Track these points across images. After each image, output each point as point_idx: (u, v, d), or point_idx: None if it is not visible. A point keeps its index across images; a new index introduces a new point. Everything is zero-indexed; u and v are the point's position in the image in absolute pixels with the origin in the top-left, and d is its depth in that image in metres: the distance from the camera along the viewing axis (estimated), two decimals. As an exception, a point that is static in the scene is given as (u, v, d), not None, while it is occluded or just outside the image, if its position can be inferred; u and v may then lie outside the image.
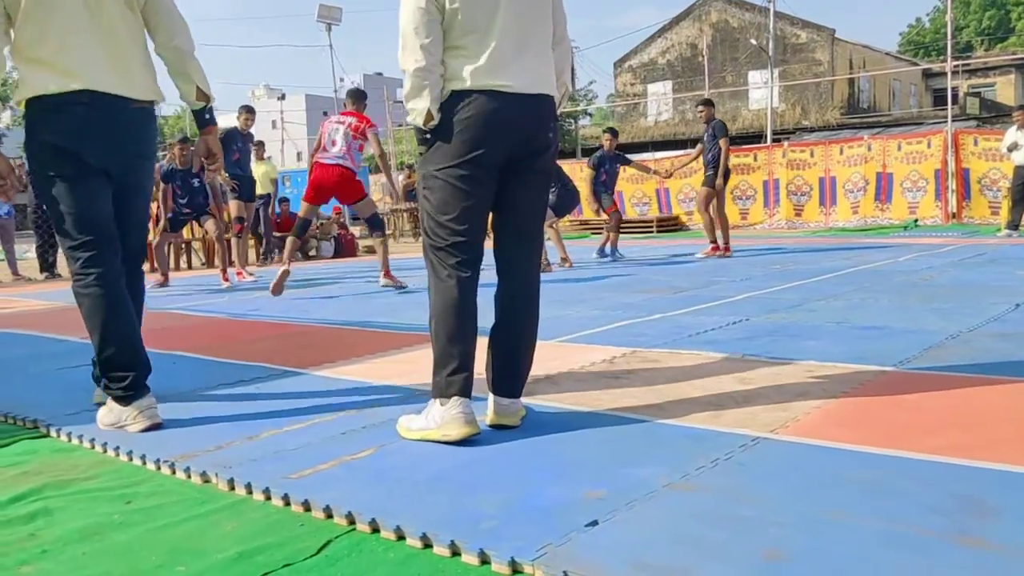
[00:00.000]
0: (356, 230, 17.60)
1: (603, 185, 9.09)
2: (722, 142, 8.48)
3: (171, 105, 45.46)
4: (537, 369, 3.13)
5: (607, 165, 9.11)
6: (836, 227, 14.07)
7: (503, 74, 2.30)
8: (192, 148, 8.65)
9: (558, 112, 2.57)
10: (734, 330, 3.97)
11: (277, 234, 12.69)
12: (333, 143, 6.65)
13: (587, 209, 10.32)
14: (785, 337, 3.70)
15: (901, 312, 4.27)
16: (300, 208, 7.05)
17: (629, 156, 10.21)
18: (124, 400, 2.59)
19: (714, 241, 8.66)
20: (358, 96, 6.99)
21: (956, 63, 30.28)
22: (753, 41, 27.04)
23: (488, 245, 2.40)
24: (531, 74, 2.35)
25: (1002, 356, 3.07)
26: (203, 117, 2.87)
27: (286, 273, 6.52)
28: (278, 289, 6.37)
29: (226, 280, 7.87)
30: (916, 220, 13.57)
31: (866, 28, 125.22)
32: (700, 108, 9.03)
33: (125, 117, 2.64)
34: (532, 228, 2.50)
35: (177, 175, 8.10)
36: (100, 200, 2.64)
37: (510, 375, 2.43)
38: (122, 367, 2.61)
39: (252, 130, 9.34)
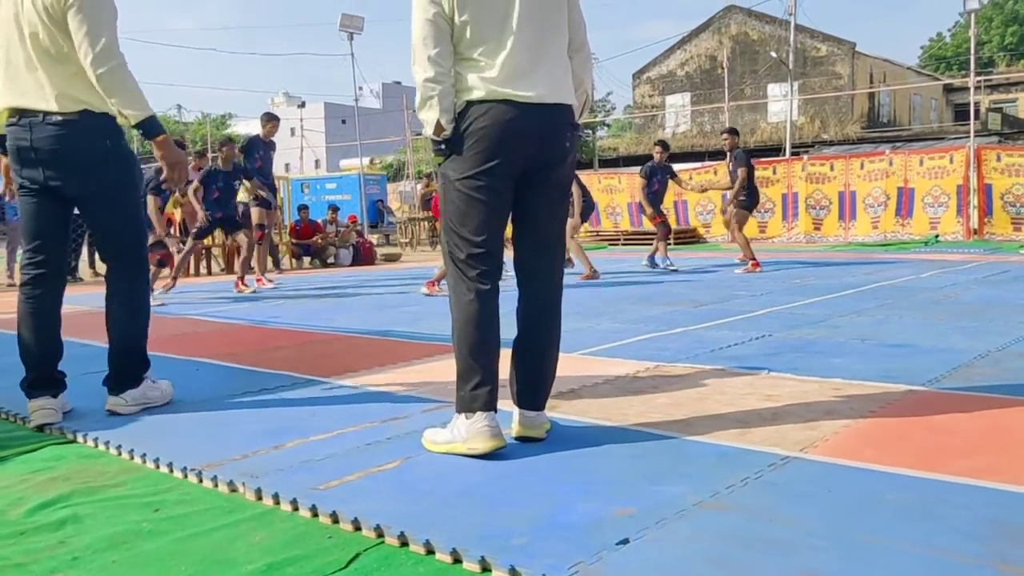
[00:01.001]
0: (374, 238, 17.68)
1: (654, 195, 9.31)
2: (741, 171, 8.68)
3: (190, 111, 45.87)
4: (560, 383, 3.12)
5: (659, 175, 9.32)
6: (855, 242, 13.98)
7: (518, 83, 2.29)
8: (237, 147, 8.74)
9: (579, 120, 2.56)
10: (757, 345, 3.94)
11: (296, 241, 12.77)
12: None
13: (638, 220, 10.54)
14: (810, 354, 3.67)
15: (927, 330, 4.23)
16: None
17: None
18: (27, 395, 2.83)
19: (753, 258, 8.74)
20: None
21: (978, 78, 30.10)
22: (773, 54, 26.94)
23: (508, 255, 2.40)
24: (547, 83, 2.33)
25: (1033, 377, 3.03)
26: (143, 130, 2.77)
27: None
28: None
29: (243, 288, 7.89)
30: (937, 236, 13.46)
31: (887, 42, 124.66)
32: (724, 136, 9.17)
33: (44, 132, 2.71)
34: (551, 239, 2.48)
35: (220, 176, 8.04)
36: (39, 215, 2.84)
37: (534, 388, 2.42)
38: (26, 366, 2.86)
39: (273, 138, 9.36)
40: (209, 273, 11.34)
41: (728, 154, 8.99)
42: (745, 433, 2.42)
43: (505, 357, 2.42)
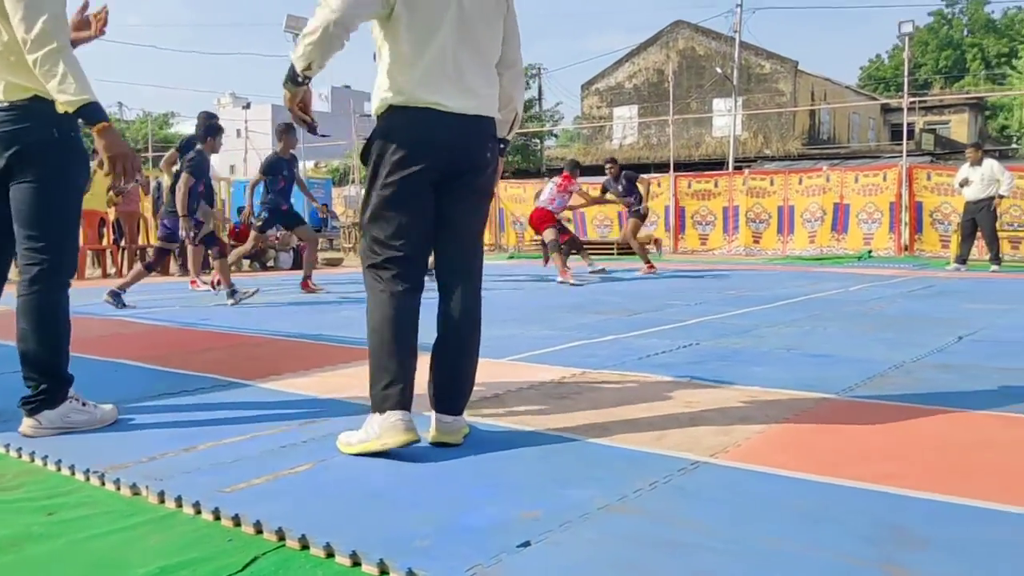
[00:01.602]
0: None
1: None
2: (640, 185, 10.19)
3: (132, 109, 44.79)
4: (485, 388, 3.13)
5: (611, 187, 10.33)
6: (793, 255, 14.31)
7: (442, 93, 2.32)
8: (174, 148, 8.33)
9: (510, 135, 2.61)
10: (684, 354, 3.99)
11: (235, 243, 12.53)
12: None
13: (583, 229, 11.13)
14: (734, 362, 3.74)
15: (849, 341, 4.34)
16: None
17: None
18: None
19: (648, 261, 10.09)
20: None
21: (912, 100, 31.10)
22: (718, 70, 27.48)
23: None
24: (471, 95, 2.37)
25: (941, 387, 3.13)
26: (83, 118, 2.59)
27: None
28: None
29: (313, 287, 7.71)
30: (870, 251, 13.86)
31: (828, 62, 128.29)
32: (609, 165, 10.38)
33: None
34: (468, 245, 2.49)
35: (283, 165, 7.58)
36: None
37: (452, 392, 2.41)
38: None
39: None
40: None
41: (614, 179, 10.18)
42: (660, 438, 2.45)
43: (425, 362, 2.41)
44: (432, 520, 1.80)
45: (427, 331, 2.45)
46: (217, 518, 1.86)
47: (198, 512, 1.90)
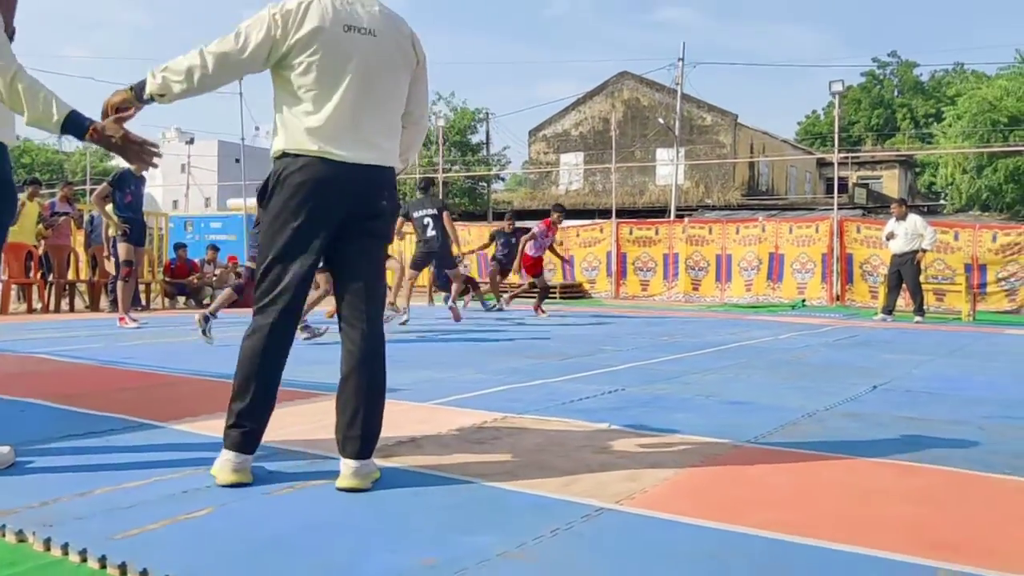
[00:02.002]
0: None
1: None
2: (524, 240, 10.90)
3: (72, 141, 43.89)
4: (401, 431, 3.11)
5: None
6: (730, 303, 14.60)
7: (338, 143, 2.39)
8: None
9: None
10: (608, 399, 4.03)
11: (170, 280, 12.32)
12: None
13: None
14: (656, 409, 3.79)
15: (768, 388, 4.44)
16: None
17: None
18: None
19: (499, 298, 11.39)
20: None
21: (845, 155, 32.31)
22: (661, 120, 28.20)
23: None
24: (370, 146, 2.44)
25: (848, 435, 3.22)
26: (73, 131, 2.43)
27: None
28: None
29: (398, 306, 7.87)
30: (804, 300, 14.22)
31: (767, 116, 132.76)
32: (509, 218, 12.12)
33: None
34: (369, 289, 2.50)
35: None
36: None
37: (356, 436, 2.40)
38: None
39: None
40: (72, 309, 10.76)
41: (506, 232, 11.80)
42: (569, 484, 2.47)
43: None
44: (327, 568, 1.78)
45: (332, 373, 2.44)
46: (103, 566, 1.80)
47: (84, 560, 1.84)
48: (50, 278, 10.58)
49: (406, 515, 2.17)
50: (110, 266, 9.48)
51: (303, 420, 3.42)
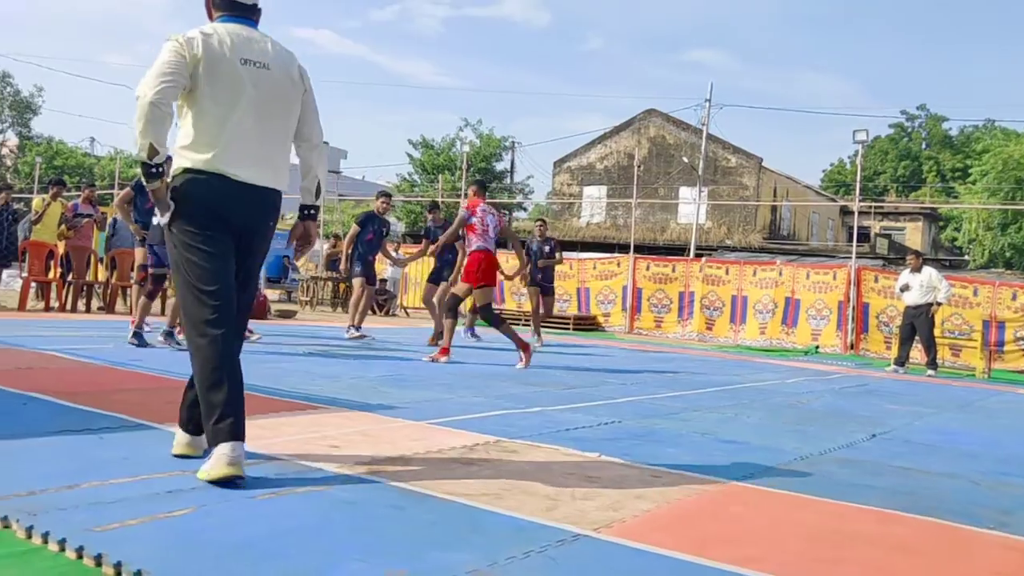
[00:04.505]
0: (276, 293, 17.37)
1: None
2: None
3: (104, 146, 44.77)
4: (394, 448, 3.15)
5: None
6: (744, 344, 14.52)
7: (235, 163, 2.64)
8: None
9: (318, 201, 2.95)
10: (603, 430, 4.04)
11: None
12: (493, 230, 7.24)
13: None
14: (649, 442, 3.79)
15: (765, 430, 4.43)
16: (463, 290, 7.31)
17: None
18: None
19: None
20: (485, 186, 7.80)
21: (869, 204, 32.19)
22: (685, 159, 28.29)
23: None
24: (261, 167, 2.71)
25: (837, 480, 3.20)
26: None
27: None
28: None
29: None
30: (817, 347, 14.12)
31: (791, 161, 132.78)
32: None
33: None
34: (243, 293, 2.80)
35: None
36: None
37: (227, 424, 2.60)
38: None
39: None
40: (88, 310, 10.90)
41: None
42: (551, 509, 2.48)
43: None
44: (294, 573, 1.80)
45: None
46: (80, 557, 1.84)
47: (62, 549, 1.88)
48: (69, 278, 10.74)
49: (383, 528, 2.19)
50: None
51: (297, 430, 3.46)
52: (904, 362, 10.75)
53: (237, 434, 2.50)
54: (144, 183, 2.66)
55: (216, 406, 2.51)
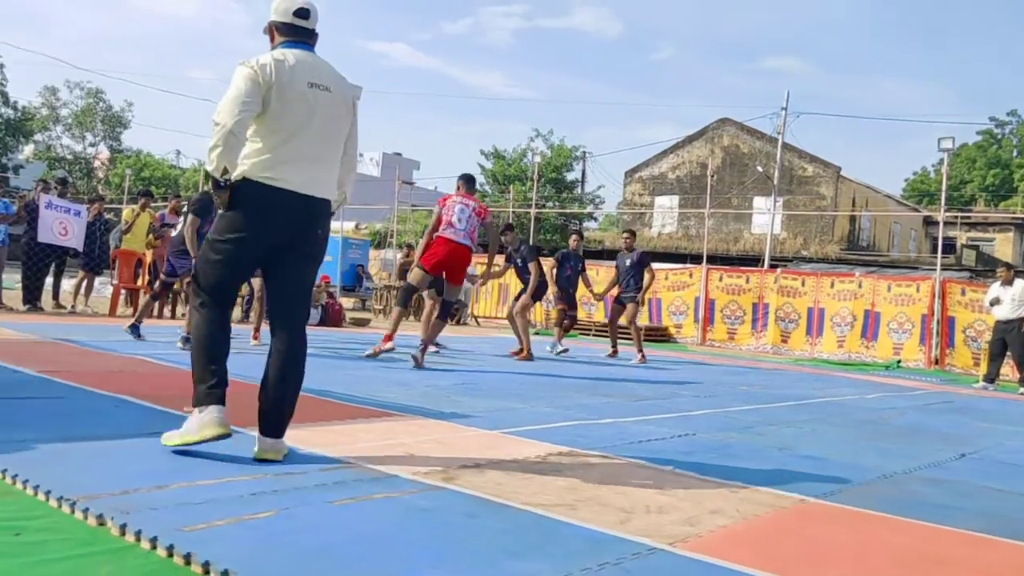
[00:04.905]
0: (349, 301, 17.72)
1: (566, 280, 9.98)
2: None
3: (188, 158, 46.47)
4: (467, 456, 3.17)
5: (571, 262, 10.02)
6: (820, 358, 14.13)
7: (294, 175, 2.90)
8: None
9: (336, 210, 3.19)
10: (677, 443, 3.99)
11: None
12: (459, 221, 7.02)
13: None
14: (724, 456, 3.72)
15: (845, 446, 4.30)
16: (412, 276, 7.25)
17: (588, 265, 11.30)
18: None
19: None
20: (473, 181, 7.50)
21: (955, 215, 30.97)
22: (759, 168, 27.76)
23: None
24: (316, 180, 2.97)
25: (922, 500, 3.09)
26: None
27: (391, 348, 7.13)
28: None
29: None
30: (899, 361, 13.64)
31: (871, 170, 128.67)
32: (626, 235, 10.37)
33: None
34: (295, 296, 3.07)
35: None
36: None
37: (273, 418, 3.00)
38: None
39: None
40: (173, 316, 11.32)
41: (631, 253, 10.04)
42: (625, 521, 2.46)
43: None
44: (373, 577, 1.84)
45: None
46: (170, 555, 1.91)
47: (153, 547, 1.96)
48: (156, 285, 11.16)
49: (457, 536, 2.21)
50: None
51: (373, 437, 3.52)
52: (994, 379, 10.29)
53: (223, 399, 2.95)
54: (212, 193, 2.94)
55: (210, 374, 2.94)
